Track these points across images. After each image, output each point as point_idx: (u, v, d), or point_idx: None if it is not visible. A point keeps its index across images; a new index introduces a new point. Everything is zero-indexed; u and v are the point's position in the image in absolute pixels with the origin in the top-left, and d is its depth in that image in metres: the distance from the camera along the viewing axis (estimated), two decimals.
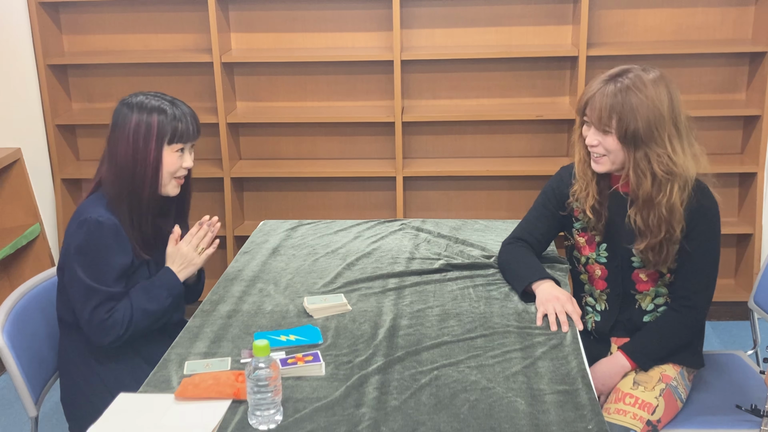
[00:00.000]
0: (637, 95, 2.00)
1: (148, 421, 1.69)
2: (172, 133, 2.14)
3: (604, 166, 2.11)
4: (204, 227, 2.26)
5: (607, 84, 2.04)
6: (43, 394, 2.20)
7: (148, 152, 2.13)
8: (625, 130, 2.01)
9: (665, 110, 2.01)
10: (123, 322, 2.10)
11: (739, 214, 3.79)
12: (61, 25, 3.81)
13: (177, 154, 2.17)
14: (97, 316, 2.08)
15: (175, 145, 2.16)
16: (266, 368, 1.64)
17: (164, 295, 2.17)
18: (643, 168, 2.04)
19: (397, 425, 1.65)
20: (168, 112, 2.14)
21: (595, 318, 2.30)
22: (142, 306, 2.13)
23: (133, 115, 2.13)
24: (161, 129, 2.13)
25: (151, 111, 2.13)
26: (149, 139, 2.12)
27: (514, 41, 3.71)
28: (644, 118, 2.00)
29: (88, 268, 2.08)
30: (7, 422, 3.11)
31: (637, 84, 2.01)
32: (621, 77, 2.03)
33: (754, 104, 3.58)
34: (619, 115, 2.01)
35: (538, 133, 3.81)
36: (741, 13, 3.60)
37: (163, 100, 2.17)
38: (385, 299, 2.25)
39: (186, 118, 2.17)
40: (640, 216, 2.09)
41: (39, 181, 3.70)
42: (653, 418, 2.08)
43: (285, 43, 3.77)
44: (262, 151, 3.92)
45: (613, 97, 2.01)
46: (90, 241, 2.08)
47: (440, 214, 3.91)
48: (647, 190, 2.05)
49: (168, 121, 2.14)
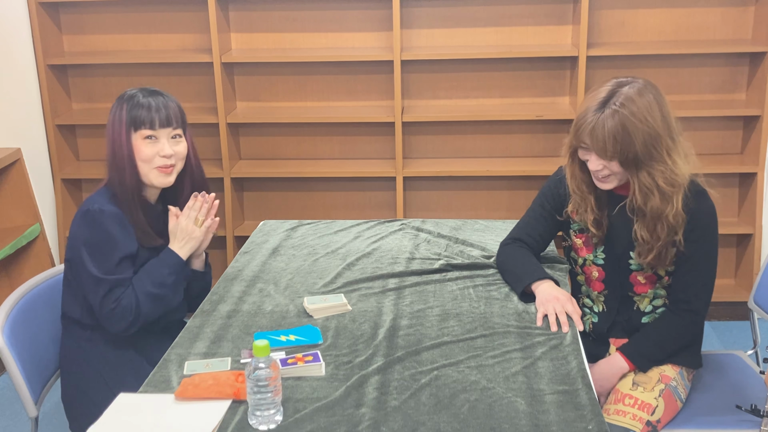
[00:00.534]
0: (630, 119, 1.99)
1: (148, 421, 1.69)
2: (135, 120, 2.16)
3: (611, 183, 2.11)
4: (199, 199, 2.28)
5: (601, 112, 2.01)
6: (43, 394, 2.20)
7: (122, 142, 2.17)
8: (626, 155, 2.01)
9: (659, 126, 2.01)
10: (130, 308, 2.12)
11: (739, 214, 3.79)
12: (61, 25, 3.81)
13: (147, 141, 2.18)
14: (107, 305, 2.11)
15: (141, 131, 2.17)
16: (266, 368, 1.64)
17: (166, 273, 2.18)
18: (648, 186, 2.04)
19: (397, 425, 1.65)
20: (136, 100, 2.17)
21: (592, 319, 2.30)
22: (146, 289, 2.15)
23: (115, 109, 2.19)
24: (128, 117, 2.17)
25: (123, 102, 2.18)
26: (120, 128, 2.17)
27: (514, 41, 3.71)
28: (641, 141, 1.99)
29: (94, 258, 2.11)
30: (7, 422, 3.11)
31: (629, 106, 1.99)
32: (612, 102, 2.01)
33: (754, 104, 3.58)
34: (620, 146, 2.00)
35: (538, 133, 3.81)
36: (741, 13, 3.60)
37: (143, 91, 2.20)
38: (385, 299, 2.25)
39: (152, 104, 2.18)
40: (646, 229, 2.09)
41: (39, 181, 3.70)
42: (653, 419, 2.08)
43: (285, 43, 3.77)
44: (262, 151, 3.92)
45: (612, 127, 1.99)
46: (94, 230, 2.11)
47: (440, 214, 3.91)
48: (656, 206, 2.05)
49: (132, 109, 2.17)
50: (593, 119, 2.02)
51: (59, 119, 3.74)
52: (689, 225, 2.09)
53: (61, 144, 3.81)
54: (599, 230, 2.19)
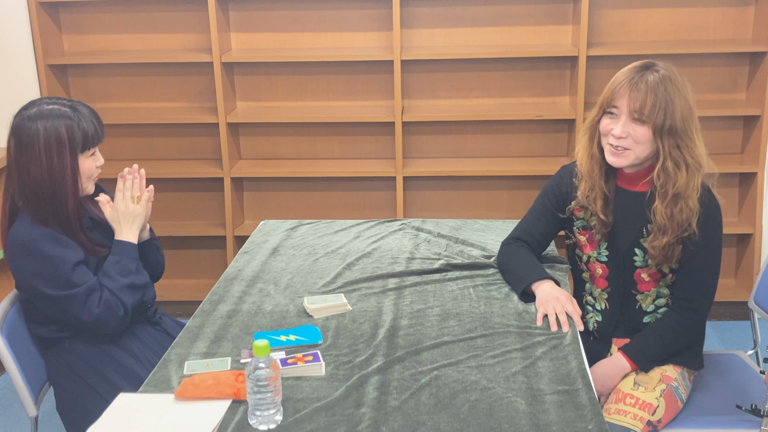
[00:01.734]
0: (674, 86, 2.01)
1: (148, 421, 1.69)
2: (83, 140, 2.08)
3: (627, 159, 2.08)
4: (127, 177, 2.21)
5: (644, 73, 2.02)
6: (42, 394, 2.20)
7: (64, 166, 2.06)
8: (663, 121, 2.00)
9: (692, 102, 2.04)
10: (117, 305, 2.09)
11: (739, 214, 3.79)
12: (61, 25, 3.81)
13: (91, 159, 2.13)
14: (92, 312, 2.07)
15: (88, 151, 2.11)
16: (266, 368, 1.64)
17: (127, 263, 2.14)
18: (676, 159, 2.03)
19: (397, 425, 1.65)
20: (73, 118, 2.07)
21: (596, 318, 2.30)
22: (119, 284, 2.11)
23: (39, 129, 2.03)
24: (72, 139, 2.06)
25: (57, 122, 2.05)
26: (62, 152, 2.05)
27: (514, 41, 3.71)
28: (680, 110, 2.01)
29: (49, 284, 2.04)
30: (7, 422, 3.10)
31: (673, 76, 2.02)
32: (654, 68, 2.04)
33: (754, 104, 3.58)
34: (662, 105, 2.00)
35: (538, 133, 3.81)
36: (741, 13, 3.60)
37: (62, 107, 2.08)
38: (385, 299, 2.25)
39: (90, 119, 2.11)
40: (668, 210, 2.06)
41: None
42: (654, 419, 2.08)
43: (285, 43, 3.77)
44: (262, 151, 3.92)
45: (656, 87, 2.00)
46: (34, 260, 2.04)
47: (440, 214, 3.91)
48: (683, 182, 2.03)
49: (77, 129, 2.06)
50: (636, 77, 2.03)
51: None
52: (698, 223, 2.09)
53: None
54: (606, 218, 2.17)
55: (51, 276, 2.04)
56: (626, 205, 2.16)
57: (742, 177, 3.74)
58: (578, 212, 2.26)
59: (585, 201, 2.21)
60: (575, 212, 2.27)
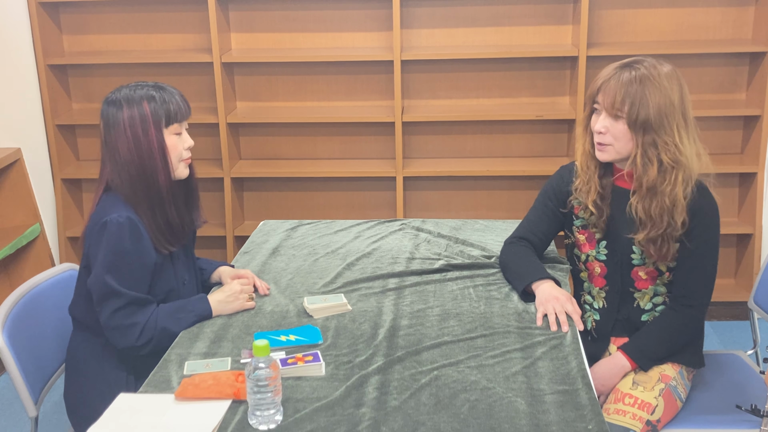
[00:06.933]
0: (651, 83, 2.03)
1: (148, 421, 1.69)
2: (166, 115, 2.12)
3: (609, 155, 2.12)
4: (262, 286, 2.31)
5: (622, 70, 2.07)
6: (43, 394, 2.20)
7: (151, 141, 2.10)
8: (636, 116, 2.03)
9: (676, 100, 2.05)
10: (143, 334, 2.07)
11: (739, 214, 3.79)
12: (61, 25, 3.81)
13: (176, 137, 2.16)
14: (116, 319, 2.06)
15: (172, 127, 2.14)
16: (266, 368, 1.64)
17: (191, 320, 2.13)
18: (650, 155, 2.05)
19: (397, 425, 1.65)
20: (156, 96, 2.12)
21: (594, 317, 2.30)
22: (166, 325, 2.09)
23: (123, 110, 2.10)
24: (155, 115, 2.11)
25: (140, 101, 2.11)
26: (147, 128, 2.10)
27: (514, 41, 3.71)
28: (655, 106, 2.02)
29: (115, 272, 2.06)
30: (7, 422, 3.11)
31: (652, 73, 2.05)
32: (636, 65, 2.07)
33: (754, 104, 3.58)
34: (631, 101, 2.03)
35: (538, 133, 3.81)
36: (741, 13, 3.60)
37: (147, 88, 2.14)
38: (385, 299, 2.25)
39: (175, 97, 2.15)
40: (641, 205, 2.10)
41: (39, 181, 3.70)
42: (653, 418, 2.08)
43: (285, 43, 3.77)
44: (262, 151, 3.92)
45: (628, 84, 2.04)
46: (115, 244, 2.06)
47: (440, 214, 3.91)
48: (653, 177, 2.06)
49: (159, 105, 2.11)
50: (612, 74, 2.07)
51: (59, 119, 3.74)
52: (693, 221, 2.10)
53: (61, 144, 3.81)
54: (599, 213, 2.18)
55: (119, 265, 2.06)
56: (623, 203, 2.17)
57: (742, 177, 3.74)
58: (578, 210, 2.27)
59: (577, 194, 2.23)
60: (575, 211, 2.28)
